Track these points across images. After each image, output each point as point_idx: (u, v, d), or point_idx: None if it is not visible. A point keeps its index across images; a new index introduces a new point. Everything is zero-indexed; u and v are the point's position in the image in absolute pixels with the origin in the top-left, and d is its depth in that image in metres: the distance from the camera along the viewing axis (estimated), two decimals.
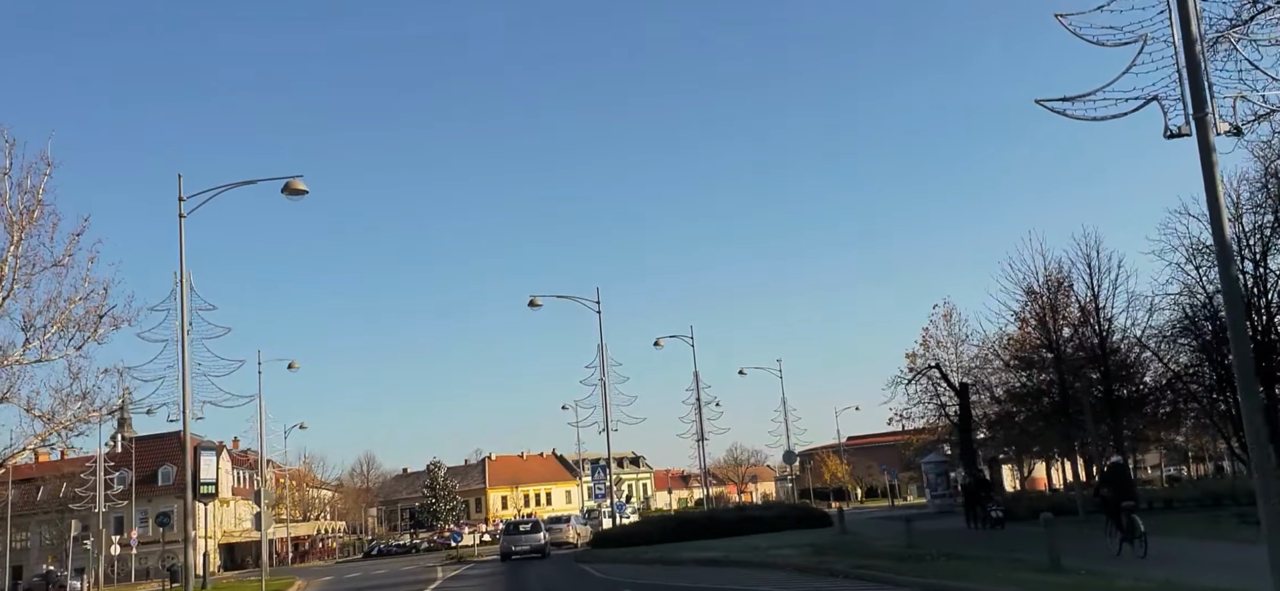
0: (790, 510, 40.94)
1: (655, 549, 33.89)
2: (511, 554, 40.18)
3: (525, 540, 41.03)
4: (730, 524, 38.60)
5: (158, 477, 79.10)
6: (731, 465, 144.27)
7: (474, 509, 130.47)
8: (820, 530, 37.70)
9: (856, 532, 33.74)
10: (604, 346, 43.04)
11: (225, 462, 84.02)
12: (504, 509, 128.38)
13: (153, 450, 77.85)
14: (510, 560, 39.58)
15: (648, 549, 34.17)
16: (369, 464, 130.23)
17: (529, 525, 45.06)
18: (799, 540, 31.35)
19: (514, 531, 42.97)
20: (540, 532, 42.36)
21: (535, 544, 40.73)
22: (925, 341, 67.87)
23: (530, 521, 49.03)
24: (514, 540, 41.26)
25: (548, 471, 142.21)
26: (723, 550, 29.59)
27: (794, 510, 41.11)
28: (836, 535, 32.44)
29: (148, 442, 76.01)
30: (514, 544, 40.73)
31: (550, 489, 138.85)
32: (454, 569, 39.56)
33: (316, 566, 67.44)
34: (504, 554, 40.59)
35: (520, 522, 48.51)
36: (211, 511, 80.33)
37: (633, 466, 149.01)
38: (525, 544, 40.71)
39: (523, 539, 41.16)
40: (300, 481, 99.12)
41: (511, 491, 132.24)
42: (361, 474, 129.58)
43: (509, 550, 40.46)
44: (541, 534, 42.27)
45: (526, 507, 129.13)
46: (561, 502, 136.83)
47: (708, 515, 37.58)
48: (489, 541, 62.85)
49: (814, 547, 26.74)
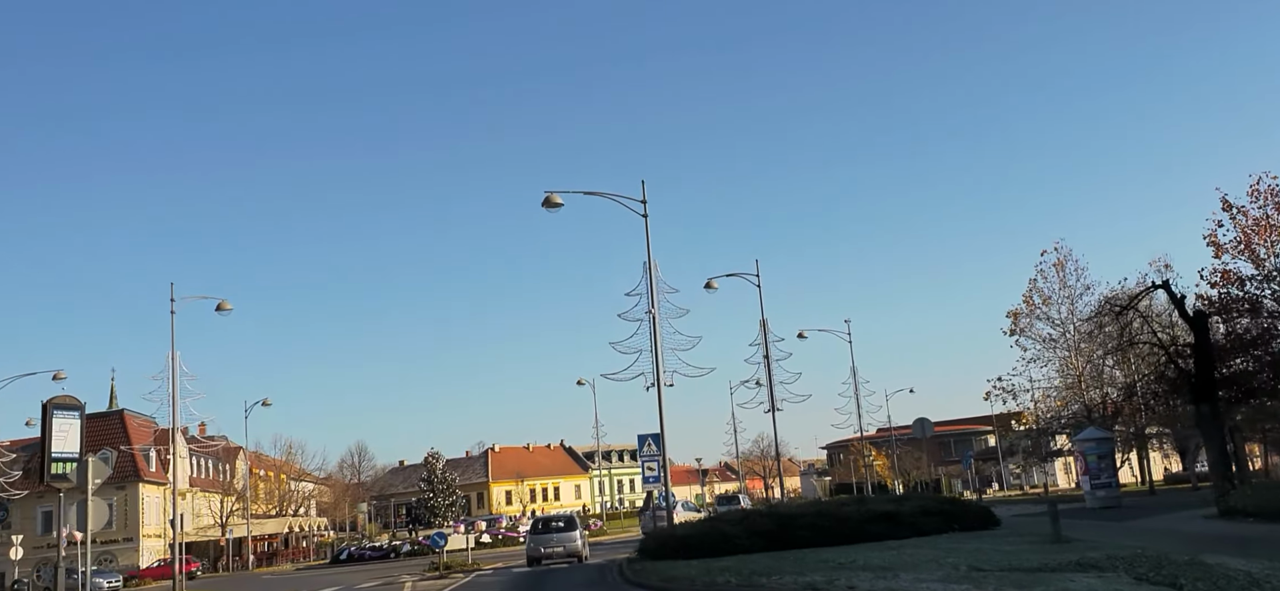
0: (933, 505, 27.11)
1: (752, 562, 20.37)
2: (542, 558, 33.72)
3: (557, 540, 34.25)
4: (852, 525, 24.84)
5: None
6: (757, 457, 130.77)
7: (476, 504, 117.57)
8: (994, 534, 24.14)
9: (1089, 540, 20.19)
10: (653, 264, 29.15)
11: (182, 448, 70.22)
12: (508, 504, 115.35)
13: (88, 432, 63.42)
14: (539, 565, 33.06)
15: (742, 562, 20.55)
16: (360, 455, 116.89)
17: (562, 522, 36.65)
18: (1015, 552, 18.02)
19: (544, 529, 36.06)
20: (575, 531, 34.93)
21: (570, 545, 33.87)
22: (1030, 298, 54.38)
23: (563, 517, 38.56)
24: (543, 541, 34.48)
25: (555, 464, 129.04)
26: (896, 566, 16.30)
27: (938, 505, 27.25)
28: (1058, 543, 19.22)
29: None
30: (543, 545, 34.18)
31: (558, 482, 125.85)
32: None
33: (267, 575, 54.15)
34: (532, 558, 34.19)
35: (552, 519, 38.63)
36: (161, 505, 66.50)
37: None
38: (557, 544, 34.01)
39: (554, 539, 34.39)
40: (278, 472, 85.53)
41: (516, 485, 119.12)
42: (352, 466, 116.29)
43: (538, 553, 33.97)
44: (577, 533, 34.89)
45: (532, 503, 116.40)
46: (570, 497, 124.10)
47: (817, 511, 23.63)
48: (489, 545, 48.84)
49: (1092, 567, 13.64)
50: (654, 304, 28.97)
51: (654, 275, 29.14)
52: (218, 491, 70.49)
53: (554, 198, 27.77)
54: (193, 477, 72.33)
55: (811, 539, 24.40)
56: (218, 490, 70.58)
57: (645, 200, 29.00)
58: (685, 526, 25.34)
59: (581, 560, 33.68)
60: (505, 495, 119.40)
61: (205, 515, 70.47)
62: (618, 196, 29.08)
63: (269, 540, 71.44)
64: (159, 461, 66.55)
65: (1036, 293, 52.70)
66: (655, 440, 27.52)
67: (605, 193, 28.95)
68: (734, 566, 20.08)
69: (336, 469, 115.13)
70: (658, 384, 28.23)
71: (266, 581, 45.39)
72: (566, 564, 33.07)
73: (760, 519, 24.84)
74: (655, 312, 28.92)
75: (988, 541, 21.70)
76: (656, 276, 29.18)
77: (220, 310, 36.96)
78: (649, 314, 29.03)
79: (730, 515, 26.16)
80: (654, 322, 28.88)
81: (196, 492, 71.80)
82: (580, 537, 35.15)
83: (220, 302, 37.05)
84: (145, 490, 63.39)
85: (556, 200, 27.73)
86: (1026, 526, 26.84)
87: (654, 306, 28.99)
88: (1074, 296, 51.52)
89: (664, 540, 24.01)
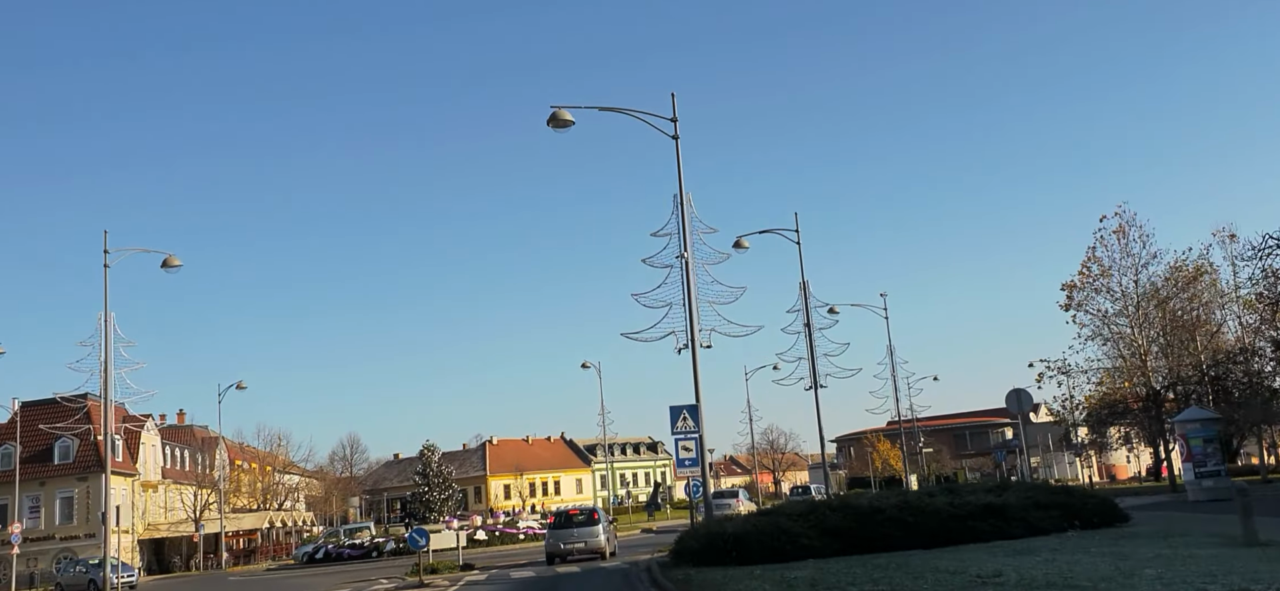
0: (1043, 495, 21.11)
1: (835, 572, 14.73)
2: (562, 555, 29.69)
3: (578, 535, 29.99)
4: (950, 522, 19.06)
5: (53, 453, 58.81)
6: (765, 450, 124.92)
7: (474, 498, 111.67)
8: (1143, 534, 18.38)
9: None
10: (685, 197, 23.28)
11: (152, 437, 64.35)
12: (507, 499, 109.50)
13: (44, 417, 56.84)
14: (559, 563, 29.14)
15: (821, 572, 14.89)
16: (352, 447, 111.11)
17: (584, 515, 31.95)
18: (1221, 560, 12.54)
19: (564, 523, 31.52)
20: (598, 525, 30.45)
21: (592, 541, 29.68)
22: (1087, 268, 48.56)
23: (585, 510, 33.35)
24: (563, 537, 30.23)
25: (556, 457, 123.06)
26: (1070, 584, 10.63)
27: (1050, 496, 21.21)
28: (1259, 546, 13.69)
29: (39, 409, 55.39)
30: (563, 540, 30.05)
31: (559, 476, 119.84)
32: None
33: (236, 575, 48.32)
34: (551, 554, 30.21)
35: (573, 512, 33.36)
36: (131, 498, 60.55)
37: (649, 452, 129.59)
38: (577, 540, 29.84)
39: (575, 534, 30.14)
40: (264, 464, 79.61)
41: (515, 479, 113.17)
42: (344, 459, 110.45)
43: (558, 549, 29.89)
44: (600, 527, 30.37)
45: (532, 497, 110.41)
46: (571, 492, 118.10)
47: (900, 504, 17.74)
48: (484, 542, 43.04)
49: None
50: (686, 244, 23.12)
51: (687, 211, 23.28)
52: (193, 483, 64.49)
53: (563, 113, 22.04)
54: (165, 468, 66.47)
55: (901, 539, 18.58)
56: (193, 482, 64.62)
57: (676, 119, 23.16)
58: (735, 521, 19.42)
59: (605, 558, 29.17)
60: (504, 489, 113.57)
61: (179, 509, 64.52)
62: (642, 113, 23.25)
63: (248, 536, 65.45)
64: (127, 450, 60.64)
65: (1094, 262, 46.87)
66: (691, 412, 21.57)
67: (627, 109, 23.15)
68: (813, 578, 14.26)
69: (328, 461, 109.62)
70: (692, 345, 22.43)
71: (232, 583, 39.58)
72: (584, 562, 28.51)
73: (831, 514, 18.94)
74: (688, 256, 23.08)
75: (1148, 545, 15.86)
76: (690, 213, 23.33)
77: (166, 266, 31.10)
78: (680, 258, 23.19)
79: (791, 507, 20.23)
80: (686, 269, 23.04)
81: (169, 485, 65.84)
82: (604, 532, 30.48)
83: (166, 258, 31.20)
84: (111, 482, 57.29)
85: (566, 117, 22.04)
86: (1159, 523, 21.04)
87: (686, 248, 23.13)
88: (1138, 266, 45.68)
89: (710, 539, 18.13)
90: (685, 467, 22.07)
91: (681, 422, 21.37)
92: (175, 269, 31.22)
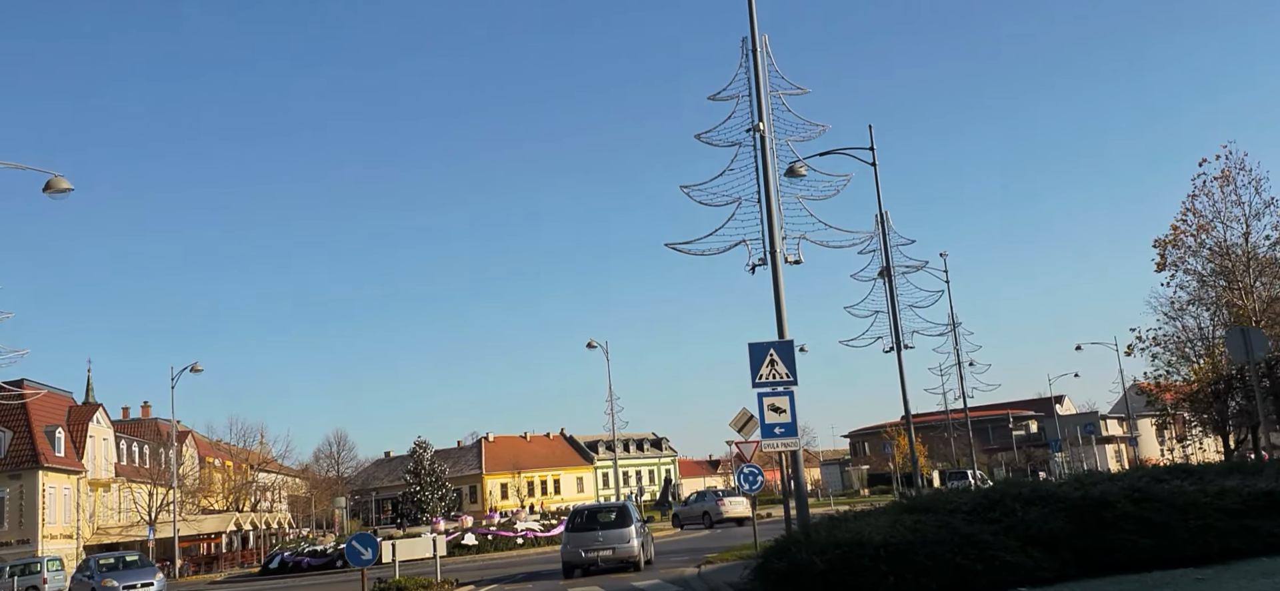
0: None
1: None
2: (582, 565, 23.24)
3: (604, 540, 23.08)
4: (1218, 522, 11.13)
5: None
6: None
7: (468, 498, 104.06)
8: None
9: None
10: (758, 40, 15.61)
11: (103, 430, 56.46)
12: (504, 498, 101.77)
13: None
14: (580, 575, 22.98)
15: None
16: (340, 444, 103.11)
17: (613, 513, 24.30)
18: None
19: (587, 523, 24.49)
20: (629, 526, 23.26)
21: (622, 548, 22.85)
22: (1183, 221, 40.93)
23: (613, 510, 24.81)
24: (584, 541, 23.40)
25: (555, 454, 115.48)
26: None
27: None
28: None
29: None
30: (585, 547, 23.28)
31: (558, 475, 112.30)
32: None
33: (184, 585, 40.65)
34: (569, 564, 23.59)
35: (597, 511, 25.88)
36: (76, 497, 52.71)
37: (653, 449, 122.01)
38: (603, 546, 23.03)
39: (599, 538, 23.22)
40: (241, 461, 71.82)
41: (513, 477, 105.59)
42: (330, 457, 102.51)
43: (578, 558, 23.37)
44: (631, 529, 23.20)
45: (531, 496, 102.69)
46: (572, 490, 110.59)
47: (1133, 494, 9.52)
48: (474, 548, 35.23)
49: None
50: (759, 110, 15.47)
51: (761, 56, 15.60)
52: (152, 482, 56.63)
53: None
54: (119, 465, 58.60)
55: (1149, 548, 10.94)
56: (149, 481, 56.75)
57: None
58: (879, 524, 11.33)
59: (639, 568, 22.69)
60: (500, 488, 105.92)
61: (134, 510, 56.68)
62: None
63: (211, 541, 57.58)
64: (72, 443, 52.77)
65: (1193, 215, 39.25)
66: (783, 352, 13.72)
67: None
68: None
69: (313, 460, 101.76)
70: (772, 256, 14.77)
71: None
72: (609, 574, 22.26)
73: (1034, 511, 11.26)
74: (763, 127, 15.45)
75: None
76: (764, 59, 15.64)
77: (50, 189, 23.33)
78: (752, 131, 15.56)
79: (959, 500, 12.35)
80: (761, 144, 15.44)
81: (123, 483, 57.98)
82: (636, 535, 23.12)
83: (51, 179, 23.41)
84: (49, 479, 49.58)
85: None
86: None
87: (760, 117, 15.49)
88: (1248, 216, 37.98)
89: (845, 554, 10.30)
90: (775, 439, 13.98)
91: (768, 369, 13.52)
92: (64, 193, 23.42)
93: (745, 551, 21.95)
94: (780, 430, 13.88)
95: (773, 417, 13.83)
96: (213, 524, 56.63)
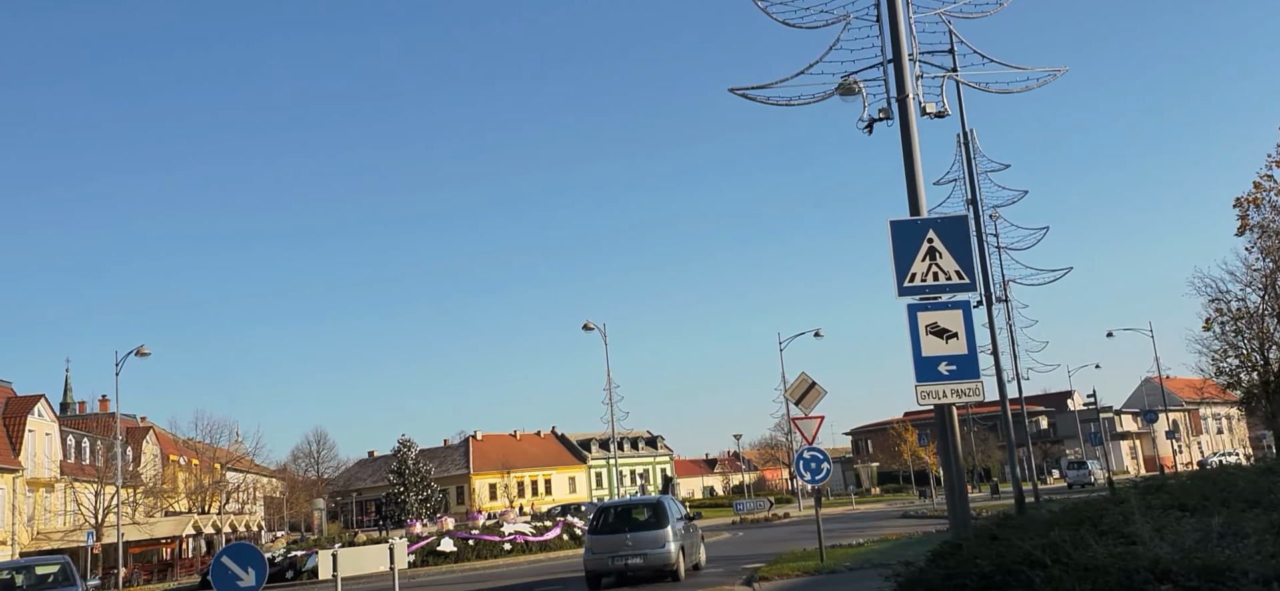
0: None
1: None
2: (608, 573, 18.38)
3: (634, 543, 18.05)
4: None
5: None
6: (768, 447, 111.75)
7: (455, 499, 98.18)
8: None
9: None
10: None
11: (45, 425, 50.44)
12: (492, 499, 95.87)
13: None
14: (603, 586, 18.38)
15: None
16: (320, 442, 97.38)
17: (647, 511, 19.07)
18: None
19: (614, 524, 19.46)
20: (664, 527, 18.27)
21: (655, 554, 17.83)
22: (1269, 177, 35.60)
23: (648, 504, 19.54)
24: (612, 547, 18.46)
25: (546, 453, 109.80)
26: None
27: None
28: None
29: None
30: (612, 554, 18.37)
31: (549, 474, 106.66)
32: None
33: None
34: (593, 572, 18.68)
35: (627, 508, 20.60)
36: (11, 498, 46.69)
37: (648, 448, 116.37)
38: (632, 552, 17.97)
39: (628, 540, 18.22)
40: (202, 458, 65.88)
41: (502, 477, 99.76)
42: (309, 455, 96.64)
43: (604, 566, 18.47)
44: (667, 530, 18.18)
45: (521, 497, 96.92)
46: (564, 490, 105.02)
47: None
48: (451, 556, 29.31)
49: None
50: None
51: None
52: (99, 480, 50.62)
53: None
54: (66, 463, 52.55)
55: None
56: (96, 480, 50.71)
57: None
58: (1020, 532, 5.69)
59: (678, 578, 18.22)
60: (489, 489, 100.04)
61: (80, 512, 50.64)
62: None
63: (167, 546, 51.56)
64: (7, 438, 46.76)
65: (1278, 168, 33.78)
66: (947, 233, 7.81)
67: None
68: None
69: (291, 460, 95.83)
70: (900, 97, 9.23)
71: None
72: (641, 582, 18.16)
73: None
74: None
75: None
76: None
77: None
78: None
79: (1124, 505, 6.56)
80: None
81: (68, 482, 51.93)
82: (673, 537, 18.27)
83: None
84: None
85: None
86: None
87: None
88: None
89: None
90: (939, 383, 7.73)
91: (924, 264, 7.48)
92: None
93: (807, 563, 16.37)
94: (948, 367, 7.84)
95: (934, 347, 7.88)
96: (168, 527, 50.62)
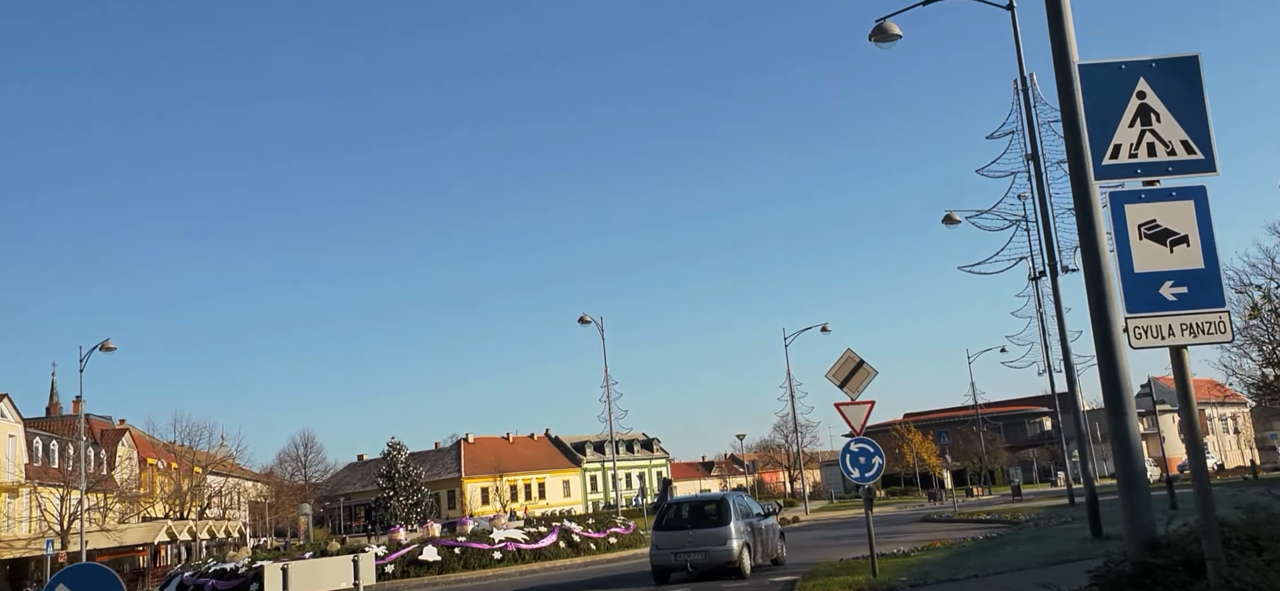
0: None
1: None
2: (672, 568, 18.22)
3: (696, 541, 17.81)
4: None
5: None
6: (769, 448, 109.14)
7: (447, 503, 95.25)
8: None
9: None
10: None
11: (9, 426, 47.40)
12: (484, 503, 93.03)
13: None
14: (670, 581, 18.29)
15: None
16: (307, 446, 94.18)
17: (711, 507, 19.15)
18: None
19: (675, 521, 19.24)
20: (727, 524, 18.04)
21: (717, 551, 17.60)
22: None
23: (712, 500, 19.89)
24: (675, 544, 18.23)
25: (540, 456, 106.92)
26: None
27: None
28: None
29: None
30: (675, 551, 18.21)
31: (543, 477, 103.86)
32: None
33: None
34: (660, 568, 18.50)
35: (693, 506, 20.13)
36: None
37: (644, 450, 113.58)
38: (693, 549, 17.77)
39: (690, 538, 18.02)
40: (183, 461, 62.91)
41: (495, 481, 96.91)
42: (296, 459, 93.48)
43: (668, 562, 18.35)
44: (730, 527, 17.91)
45: (514, 501, 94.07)
46: (558, 494, 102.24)
47: None
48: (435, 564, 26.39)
49: None
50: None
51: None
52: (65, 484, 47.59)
53: None
54: (31, 466, 49.50)
55: None
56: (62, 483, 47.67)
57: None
58: None
59: (743, 576, 17.98)
60: (481, 493, 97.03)
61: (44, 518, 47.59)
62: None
63: (140, 553, 48.54)
64: None
65: None
66: (1171, 88, 4.52)
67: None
68: None
69: (277, 463, 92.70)
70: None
71: None
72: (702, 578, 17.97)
73: None
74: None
75: None
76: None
77: None
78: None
79: None
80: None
81: (33, 487, 48.88)
82: (736, 534, 18.00)
83: None
84: None
85: None
86: None
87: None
88: None
89: None
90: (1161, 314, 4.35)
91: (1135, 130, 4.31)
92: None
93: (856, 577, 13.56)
94: (1175, 289, 5.05)
95: (1153, 258, 5.09)
96: (140, 534, 47.58)
